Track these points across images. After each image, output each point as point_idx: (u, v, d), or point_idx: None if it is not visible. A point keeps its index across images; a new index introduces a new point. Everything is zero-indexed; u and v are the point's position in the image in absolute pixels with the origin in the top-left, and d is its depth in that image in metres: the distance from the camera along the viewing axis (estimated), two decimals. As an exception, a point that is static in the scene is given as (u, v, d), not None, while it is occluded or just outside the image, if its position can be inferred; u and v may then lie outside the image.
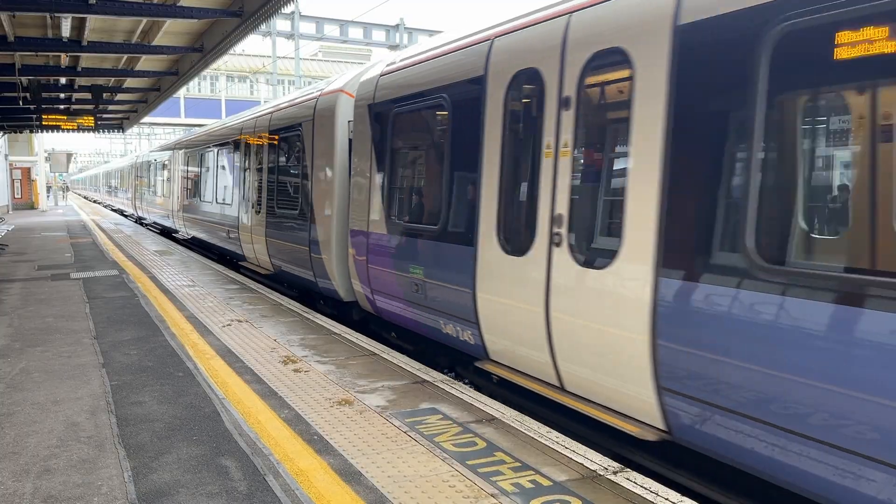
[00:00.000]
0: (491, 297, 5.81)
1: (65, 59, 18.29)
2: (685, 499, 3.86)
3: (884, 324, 3.09)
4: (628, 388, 4.54)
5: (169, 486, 4.05)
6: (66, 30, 14.54)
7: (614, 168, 4.74)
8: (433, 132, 7.12)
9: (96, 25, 14.85)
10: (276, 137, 11.64)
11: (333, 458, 4.42)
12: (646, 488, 3.96)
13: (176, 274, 13.01)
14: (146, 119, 35.89)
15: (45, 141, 47.66)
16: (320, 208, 9.51)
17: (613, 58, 4.62)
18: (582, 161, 4.98)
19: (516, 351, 5.67)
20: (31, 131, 34.36)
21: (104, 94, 22.02)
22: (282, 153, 11.46)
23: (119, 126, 34.48)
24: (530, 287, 5.32)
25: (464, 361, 6.87)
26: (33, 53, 16.74)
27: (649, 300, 4.26)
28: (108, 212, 41.41)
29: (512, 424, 4.99)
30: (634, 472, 4.21)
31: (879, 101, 3.28)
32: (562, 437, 4.77)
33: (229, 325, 8.43)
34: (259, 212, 12.33)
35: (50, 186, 52.15)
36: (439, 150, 6.79)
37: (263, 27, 15.99)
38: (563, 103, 5.03)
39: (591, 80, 4.86)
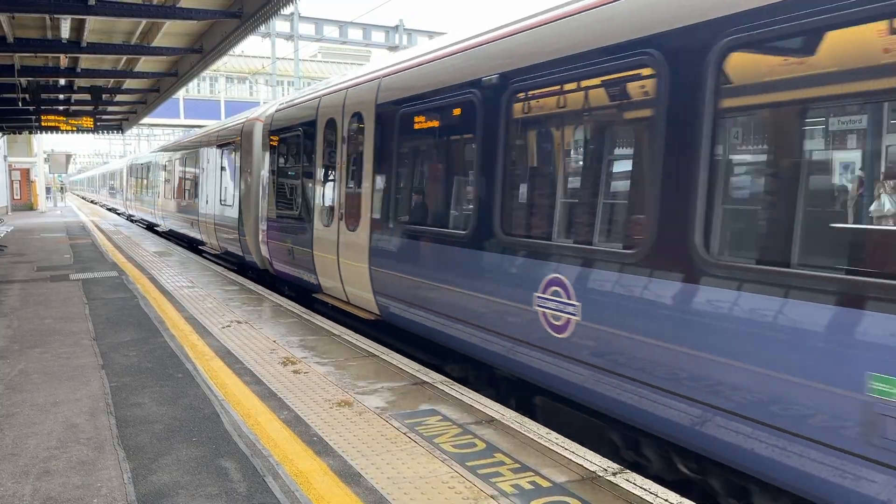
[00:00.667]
0: (320, 253, 9.55)
1: (64, 60, 18.30)
2: (685, 500, 3.86)
3: (433, 246, 6.77)
4: (365, 294, 8.22)
5: (168, 488, 4.05)
6: (65, 31, 14.53)
7: (357, 177, 8.45)
8: (295, 151, 11.02)
9: (96, 27, 14.84)
10: (219, 150, 15.66)
11: (333, 460, 4.42)
12: (645, 489, 3.97)
13: (175, 275, 13.01)
14: (145, 120, 35.91)
15: (44, 142, 47.64)
16: (244, 203, 13.38)
17: (359, 116, 8.46)
18: (349, 172, 8.72)
19: (331, 284, 9.35)
20: (31, 132, 34.35)
21: (103, 95, 22.03)
22: (222, 162, 15.41)
23: (118, 127, 34.50)
24: (331, 245, 9.09)
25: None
26: (32, 54, 16.75)
27: (367, 245, 7.99)
28: (105, 212, 41.41)
29: (511, 426, 5.00)
30: (634, 474, 4.22)
31: (433, 148, 7.37)
32: (561, 439, 4.78)
33: (229, 326, 8.44)
34: (211, 206, 16.20)
35: (49, 187, 52.06)
36: (297, 163, 10.82)
37: (263, 28, 16.00)
38: (343, 139, 8.91)
39: (352, 127, 8.69)
